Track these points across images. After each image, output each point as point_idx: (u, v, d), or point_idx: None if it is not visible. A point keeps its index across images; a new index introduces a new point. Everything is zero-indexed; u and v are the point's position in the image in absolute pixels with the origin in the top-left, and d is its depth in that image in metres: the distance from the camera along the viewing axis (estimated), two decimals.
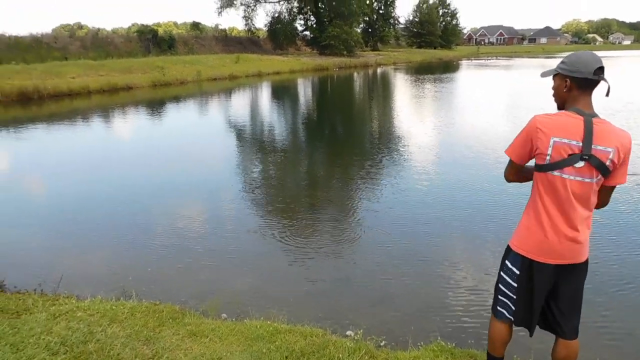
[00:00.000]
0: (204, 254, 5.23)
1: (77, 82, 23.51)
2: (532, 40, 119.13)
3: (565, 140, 2.11)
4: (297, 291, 4.43)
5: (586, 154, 2.09)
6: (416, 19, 74.53)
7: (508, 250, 2.46)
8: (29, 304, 3.68)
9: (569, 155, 2.11)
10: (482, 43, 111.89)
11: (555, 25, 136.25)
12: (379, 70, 40.82)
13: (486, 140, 10.74)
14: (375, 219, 6.12)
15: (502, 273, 2.50)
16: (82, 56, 31.33)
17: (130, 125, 15.25)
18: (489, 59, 59.72)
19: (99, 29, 41.87)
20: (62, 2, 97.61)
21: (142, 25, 47.91)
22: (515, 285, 2.41)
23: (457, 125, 13.24)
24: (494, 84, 28.58)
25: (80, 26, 56.55)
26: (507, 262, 2.45)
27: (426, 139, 11.38)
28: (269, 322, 3.53)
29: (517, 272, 2.38)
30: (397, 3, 66.57)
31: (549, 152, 2.14)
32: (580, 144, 2.09)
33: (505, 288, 2.47)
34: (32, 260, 5.17)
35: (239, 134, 13.39)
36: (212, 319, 3.63)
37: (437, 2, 78.21)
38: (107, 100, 21.58)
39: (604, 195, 2.27)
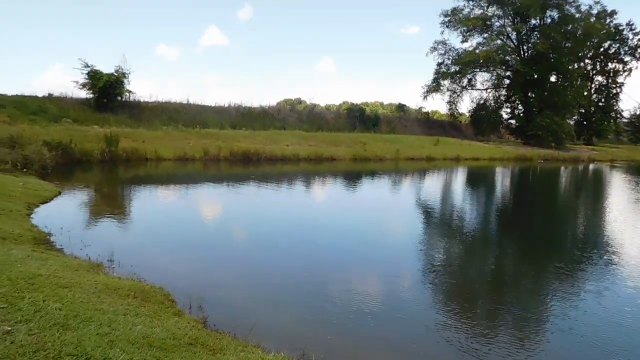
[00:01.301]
0: (377, 335, 5.09)
1: (289, 149, 26.43)
2: None
3: None
4: None
5: None
6: None
7: None
8: (223, 344, 4.00)
9: None
10: None
11: None
12: (591, 166, 36.79)
13: None
14: (570, 336, 5.24)
15: None
16: (297, 127, 35.32)
17: (327, 192, 16.36)
18: None
19: (315, 105, 46.92)
20: (288, 82, 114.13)
21: (352, 103, 52.30)
22: None
23: None
24: None
25: (299, 101, 64.26)
26: None
27: None
28: None
29: None
30: (622, 96, 59.96)
31: None
32: None
33: None
34: (230, 304, 5.69)
35: (427, 215, 13.22)
36: None
37: None
38: (311, 168, 23.70)
39: None
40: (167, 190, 15.29)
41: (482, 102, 50.03)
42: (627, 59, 57.37)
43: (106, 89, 28.74)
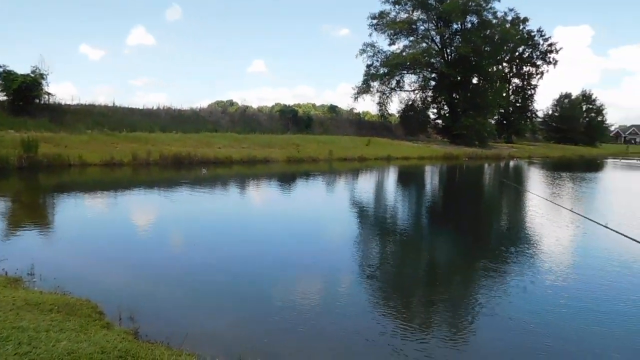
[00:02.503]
0: (314, 336, 5.15)
1: (222, 152, 26.04)
2: None
3: None
4: None
5: None
6: (556, 113, 71.42)
7: None
8: (156, 354, 3.88)
9: None
10: (633, 142, 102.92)
11: None
12: (511, 163, 39.19)
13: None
14: (499, 328, 5.59)
15: None
16: (230, 129, 34.85)
17: (261, 196, 16.30)
18: None
19: (247, 107, 46.48)
20: (220, 84, 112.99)
21: (285, 105, 52.42)
22: None
23: (602, 234, 11.96)
24: None
25: (231, 103, 63.41)
26: None
27: (566, 243, 10.40)
28: None
29: None
30: (536, 97, 64.65)
31: None
32: None
33: None
34: (163, 312, 5.52)
35: (361, 214, 13.52)
36: None
37: (581, 97, 74.38)
38: (245, 170, 23.49)
39: None
40: (92, 197, 14.56)
41: (410, 103, 51.95)
42: (539, 62, 61.95)
43: (22, 91, 26.96)
